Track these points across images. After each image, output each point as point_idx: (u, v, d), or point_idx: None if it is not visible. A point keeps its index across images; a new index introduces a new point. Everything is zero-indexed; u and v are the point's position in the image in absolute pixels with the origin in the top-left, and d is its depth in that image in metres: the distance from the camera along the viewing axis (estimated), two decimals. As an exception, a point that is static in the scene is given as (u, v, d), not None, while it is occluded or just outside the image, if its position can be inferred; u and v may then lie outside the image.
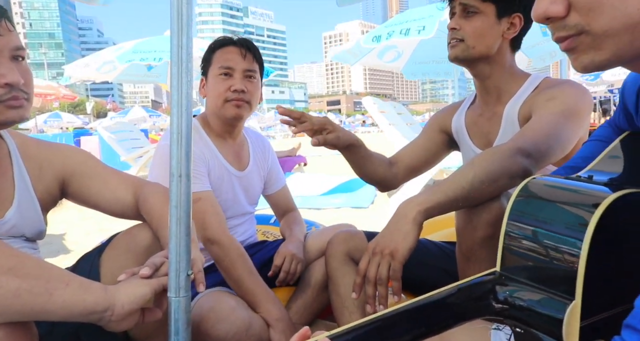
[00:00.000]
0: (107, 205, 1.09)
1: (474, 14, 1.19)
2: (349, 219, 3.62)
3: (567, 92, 1.13)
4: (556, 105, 1.10)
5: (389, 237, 0.89)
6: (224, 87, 1.39)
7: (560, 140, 1.05)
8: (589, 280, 0.57)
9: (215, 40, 1.49)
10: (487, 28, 1.19)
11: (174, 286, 0.78)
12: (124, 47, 5.32)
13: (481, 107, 1.33)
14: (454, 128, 1.40)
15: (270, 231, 1.99)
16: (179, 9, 0.71)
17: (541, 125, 1.05)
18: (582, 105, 1.12)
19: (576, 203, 0.62)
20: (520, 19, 1.20)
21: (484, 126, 1.31)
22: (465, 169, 0.94)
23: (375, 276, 0.87)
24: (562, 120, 1.06)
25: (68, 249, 3.25)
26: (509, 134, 1.20)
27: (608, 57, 0.49)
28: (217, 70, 1.41)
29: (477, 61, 1.23)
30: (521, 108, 1.21)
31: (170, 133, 0.76)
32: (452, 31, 1.22)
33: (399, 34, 3.96)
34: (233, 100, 1.39)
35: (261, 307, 1.28)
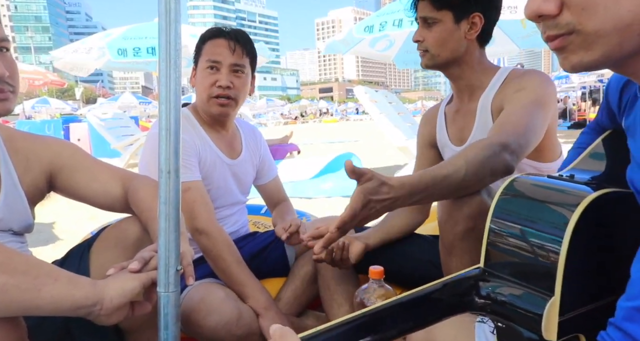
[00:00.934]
0: (96, 198, 1.09)
1: (434, 23, 1.24)
2: (341, 209, 3.65)
3: (533, 81, 1.17)
4: (526, 96, 1.14)
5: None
6: (209, 81, 1.38)
7: (535, 131, 1.08)
8: (569, 277, 0.59)
9: (208, 30, 1.46)
10: (447, 35, 1.23)
11: (163, 281, 0.79)
12: (114, 34, 5.23)
13: (457, 103, 1.36)
14: (437, 136, 1.42)
15: (261, 221, 2.00)
16: (167, 5, 0.70)
17: (517, 117, 1.08)
18: (548, 92, 1.16)
19: (557, 202, 0.64)
20: (480, 17, 1.23)
21: (460, 122, 1.34)
22: (455, 161, 0.94)
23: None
24: (534, 110, 1.10)
25: (57, 238, 3.24)
26: (483, 128, 1.24)
27: (597, 58, 0.50)
28: (205, 63, 1.39)
29: (447, 65, 1.28)
30: (493, 101, 1.24)
31: (159, 130, 0.76)
32: (417, 43, 1.28)
33: (392, 26, 3.93)
34: (218, 97, 1.38)
35: (249, 297, 1.29)
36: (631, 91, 0.67)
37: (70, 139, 9.44)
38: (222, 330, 1.19)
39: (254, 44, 1.50)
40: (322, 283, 1.36)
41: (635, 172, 0.63)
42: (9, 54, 0.92)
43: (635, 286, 0.44)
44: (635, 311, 0.42)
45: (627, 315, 0.43)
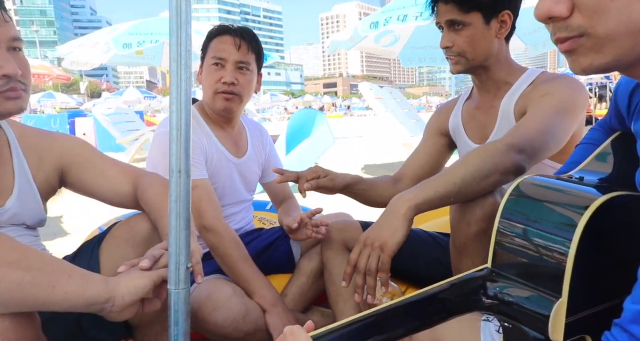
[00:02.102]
0: (105, 194, 1.10)
1: (463, 27, 1.19)
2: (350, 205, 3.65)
3: (562, 87, 1.14)
4: (551, 101, 1.11)
5: (379, 230, 0.92)
6: (214, 78, 1.39)
7: (555, 135, 1.06)
8: (576, 279, 0.59)
9: (215, 27, 1.47)
10: (479, 37, 1.19)
11: (174, 278, 0.80)
12: (119, 29, 5.24)
13: (479, 100, 1.34)
14: (451, 126, 1.41)
15: (266, 217, 2.01)
16: (178, 7, 0.71)
17: (535, 121, 1.06)
18: (577, 100, 1.13)
19: (566, 204, 0.64)
20: (509, 15, 1.20)
21: (480, 119, 1.32)
22: (457, 166, 0.96)
23: (365, 267, 0.90)
24: (556, 116, 1.08)
25: (65, 232, 3.28)
26: (505, 128, 1.22)
27: (608, 61, 0.49)
28: (210, 60, 1.40)
29: (480, 66, 1.24)
30: (517, 102, 1.22)
31: (169, 130, 0.77)
32: (446, 49, 1.22)
33: (396, 20, 3.92)
34: (222, 93, 1.39)
35: (256, 293, 1.30)
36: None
37: (76, 134, 9.49)
38: (229, 326, 1.21)
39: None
40: (328, 278, 1.37)
41: (644, 175, 0.63)
42: (21, 53, 0.93)
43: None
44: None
45: (634, 317, 0.44)
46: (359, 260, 0.92)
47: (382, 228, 0.92)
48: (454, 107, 1.42)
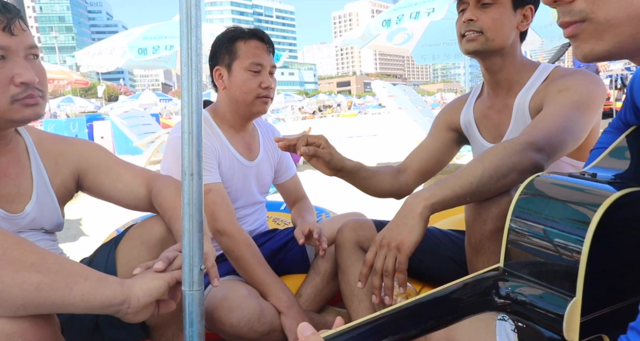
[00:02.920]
0: (121, 197, 1.12)
1: (490, 4, 1.16)
2: (360, 206, 3.64)
3: (579, 82, 1.11)
4: (569, 96, 1.08)
5: (395, 230, 0.90)
6: (255, 83, 1.41)
7: (573, 132, 1.04)
8: (590, 277, 0.58)
9: (233, 29, 1.46)
10: (505, 19, 1.17)
11: (188, 280, 0.81)
12: (134, 33, 5.32)
13: (491, 99, 1.31)
14: (462, 123, 1.38)
15: (280, 218, 2.03)
16: (187, 11, 0.72)
17: (553, 118, 1.04)
18: (595, 94, 1.10)
19: (579, 202, 0.63)
20: (532, 10, 1.19)
21: (494, 118, 1.30)
22: (474, 164, 0.94)
23: (382, 268, 0.90)
24: (575, 112, 1.05)
25: (84, 234, 3.34)
26: (520, 126, 1.19)
27: (608, 48, 0.50)
28: (248, 66, 1.40)
29: (493, 54, 1.21)
30: (532, 99, 1.19)
31: (181, 134, 0.78)
32: (468, 23, 1.18)
33: (409, 18, 3.90)
34: (263, 97, 1.43)
35: (272, 295, 1.31)
36: None
37: (94, 137, 9.68)
38: (245, 327, 1.22)
39: None
40: (343, 278, 1.37)
41: (659, 170, 0.62)
42: (38, 60, 0.95)
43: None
44: None
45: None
46: (376, 260, 0.91)
47: (398, 228, 0.91)
48: (464, 103, 1.40)
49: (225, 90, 1.45)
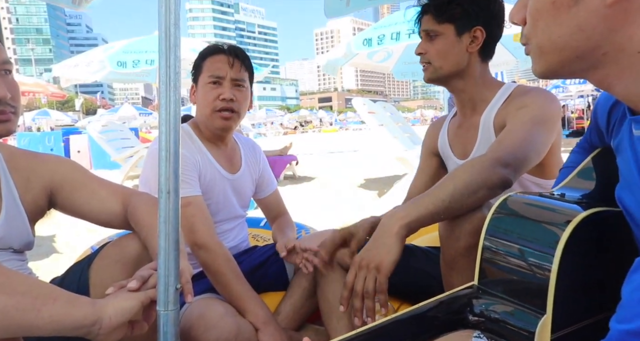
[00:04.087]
0: (96, 215, 1.10)
1: (436, 36, 1.26)
2: (340, 223, 3.65)
3: (536, 99, 1.18)
4: (527, 113, 1.15)
5: (373, 251, 0.91)
6: (212, 96, 1.41)
7: (536, 147, 1.09)
8: (560, 295, 0.60)
9: (206, 47, 1.50)
10: (449, 47, 1.26)
11: (163, 300, 0.80)
12: (114, 47, 5.29)
13: (460, 118, 1.38)
14: (439, 145, 1.44)
15: (260, 234, 2.01)
16: (167, 30, 0.73)
17: (516, 134, 1.09)
18: (551, 111, 1.17)
19: (548, 221, 0.65)
20: (481, 31, 1.26)
21: (463, 137, 1.35)
22: (446, 182, 0.97)
23: (362, 290, 0.90)
24: (535, 128, 1.11)
25: (57, 251, 3.25)
26: (486, 143, 1.25)
27: (544, 71, 0.58)
28: (207, 79, 1.42)
29: (449, 78, 1.29)
30: (496, 117, 1.25)
31: (158, 151, 0.78)
32: (420, 56, 1.30)
33: (389, 39, 3.98)
34: (221, 111, 1.41)
35: (249, 312, 1.30)
36: (619, 111, 0.69)
37: (70, 151, 9.47)
38: (222, 346, 1.19)
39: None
40: (321, 296, 1.36)
41: (623, 190, 0.65)
42: (11, 75, 0.93)
43: (626, 309, 0.45)
44: (628, 335, 0.43)
45: (620, 338, 0.44)
46: (356, 282, 0.91)
47: (376, 249, 0.91)
48: (441, 126, 1.46)
49: (196, 105, 1.48)
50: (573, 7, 0.52)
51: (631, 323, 0.43)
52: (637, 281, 0.44)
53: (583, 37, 0.52)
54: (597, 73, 0.55)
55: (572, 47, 0.53)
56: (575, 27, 0.52)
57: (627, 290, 0.45)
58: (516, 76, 29.46)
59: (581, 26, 0.52)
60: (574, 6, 0.52)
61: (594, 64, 0.54)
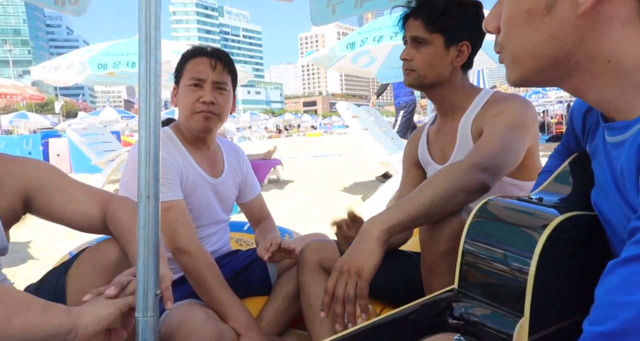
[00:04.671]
0: (73, 220, 1.08)
1: (424, 44, 1.26)
2: (323, 227, 3.65)
3: (512, 106, 1.21)
4: (504, 119, 1.17)
5: (354, 256, 0.91)
6: (193, 98, 1.39)
7: (512, 152, 1.11)
8: (538, 297, 0.61)
9: (189, 49, 1.48)
10: (437, 58, 1.26)
11: (142, 306, 0.79)
12: (95, 49, 5.20)
13: (440, 123, 1.40)
14: (420, 154, 1.45)
15: (243, 238, 2.00)
16: (147, 33, 0.72)
17: (493, 140, 1.11)
18: (527, 117, 1.20)
19: (526, 225, 0.66)
20: (467, 46, 1.27)
21: (442, 141, 1.37)
22: (425, 187, 0.98)
23: (344, 295, 0.89)
24: (511, 133, 1.13)
25: (34, 257, 3.16)
26: (464, 148, 1.27)
27: (517, 78, 0.59)
28: (188, 81, 1.41)
29: (430, 87, 1.30)
30: (473, 122, 1.27)
31: (138, 155, 0.77)
32: (404, 61, 1.29)
33: (372, 41, 4.01)
34: (202, 112, 1.39)
35: (230, 317, 1.28)
36: (594, 116, 0.71)
37: (50, 155, 9.27)
38: (203, 352, 1.18)
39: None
40: (305, 299, 1.36)
41: (599, 194, 0.66)
42: None
43: (599, 311, 0.45)
44: (600, 337, 0.44)
45: (593, 339, 0.45)
46: (337, 288, 0.90)
47: (357, 254, 0.91)
48: (421, 134, 1.47)
49: (177, 107, 1.47)
50: (546, 16, 0.53)
51: (603, 325, 0.44)
52: (610, 284, 0.45)
53: (556, 46, 0.54)
54: (571, 81, 0.57)
55: (546, 55, 0.55)
56: (548, 36, 0.54)
57: (599, 293, 0.46)
58: (497, 81, 29.96)
59: (554, 35, 0.53)
60: (546, 15, 0.53)
61: (568, 71, 0.56)
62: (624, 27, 0.51)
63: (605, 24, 0.51)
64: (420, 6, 1.26)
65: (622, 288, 0.43)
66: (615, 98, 0.54)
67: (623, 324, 0.42)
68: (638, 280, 0.42)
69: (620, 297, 0.43)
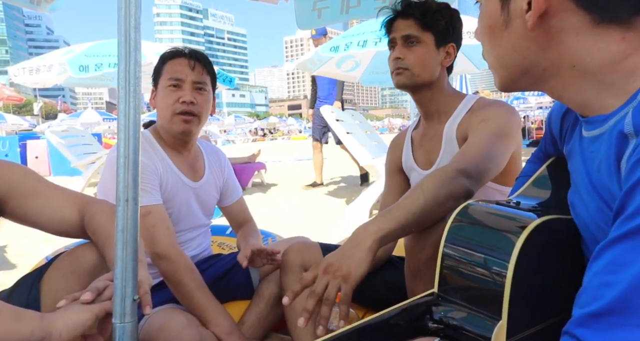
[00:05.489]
0: (49, 224, 1.05)
1: (417, 43, 1.27)
2: (306, 230, 3.64)
3: (497, 112, 1.22)
4: (489, 126, 1.19)
5: (343, 259, 0.89)
6: (172, 98, 1.38)
7: (496, 159, 1.13)
8: (515, 300, 0.62)
9: (167, 51, 1.47)
10: (429, 56, 1.28)
11: (119, 311, 0.77)
12: (75, 50, 5.11)
13: (424, 127, 1.40)
14: (403, 160, 1.45)
15: (226, 242, 1.98)
16: (127, 34, 0.71)
17: (477, 146, 1.12)
18: (512, 124, 1.22)
19: (504, 229, 0.67)
20: (454, 48, 1.31)
21: (427, 145, 1.38)
22: (415, 194, 0.97)
23: (322, 293, 0.86)
24: (495, 140, 1.15)
25: (9, 262, 3.08)
26: (449, 153, 1.28)
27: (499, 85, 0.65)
28: (166, 82, 1.39)
29: (421, 87, 1.31)
30: (458, 128, 1.28)
31: (117, 157, 0.76)
32: (396, 61, 1.29)
33: (356, 46, 4.03)
34: (181, 114, 1.38)
35: (212, 322, 1.27)
36: (571, 118, 0.73)
37: (27, 157, 9.05)
38: (183, 358, 1.16)
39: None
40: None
41: (574, 195, 0.68)
42: None
43: (587, 293, 0.46)
44: (588, 317, 0.44)
45: (579, 321, 0.45)
46: (317, 284, 0.87)
47: (346, 258, 0.89)
48: (404, 140, 1.47)
49: (155, 109, 1.45)
50: (504, 30, 0.58)
51: (590, 306, 0.44)
52: (596, 267, 0.46)
53: (519, 57, 0.58)
54: (545, 85, 0.60)
55: (513, 65, 0.59)
56: (510, 49, 0.59)
57: (587, 278, 0.47)
58: (480, 87, 30.41)
59: (514, 47, 0.58)
60: (505, 30, 0.58)
61: (539, 78, 0.59)
62: (579, 36, 0.54)
63: (559, 34, 0.55)
64: (412, 6, 1.28)
65: (608, 269, 0.44)
66: (589, 99, 0.57)
67: (609, 303, 0.43)
68: (623, 260, 0.43)
69: (606, 278, 0.44)
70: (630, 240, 0.43)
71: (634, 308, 0.41)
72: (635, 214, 0.43)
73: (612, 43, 0.53)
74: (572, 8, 0.53)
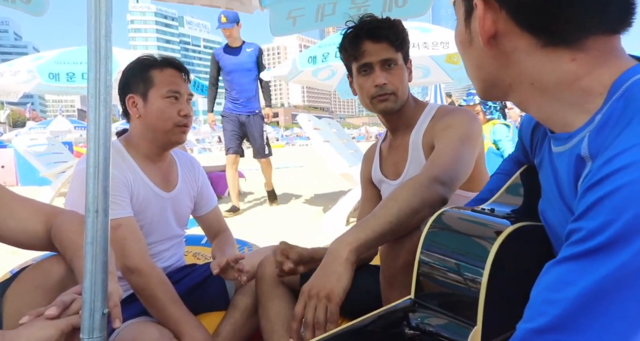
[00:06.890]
0: (13, 236, 1.01)
1: (394, 65, 1.27)
2: (284, 236, 3.61)
3: (459, 119, 1.25)
4: (453, 133, 1.21)
5: (323, 278, 0.88)
6: (173, 110, 1.37)
7: (465, 164, 1.16)
8: (490, 306, 0.62)
9: (148, 58, 1.43)
10: (404, 76, 1.30)
11: (88, 326, 0.74)
12: (46, 56, 4.97)
13: (391, 139, 1.42)
14: (372, 172, 1.46)
15: (201, 252, 1.94)
16: (97, 42, 0.69)
17: (447, 153, 1.14)
18: (473, 129, 1.25)
19: (479, 235, 0.68)
20: (410, 62, 1.34)
21: (394, 156, 1.39)
22: (389, 204, 0.98)
23: (313, 320, 0.85)
24: (462, 146, 1.17)
25: (-26, 276, 2.95)
26: (416, 163, 1.30)
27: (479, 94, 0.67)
28: (165, 93, 1.37)
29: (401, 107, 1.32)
30: (424, 137, 1.31)
31: (86, 168, 0.73)
32: (381, 87, 1.25)
33: (334, 57, 4.06)
34: (182, 126, 1.40)
35: (185, 335, 1.24)
36: (541, 130, 0.74)
37: (-7, 166, 8.73)
38: (156, 373, 1.13)
39: None
40: (263, 314, 1.33)
41: (545, 204, 0.69)
42: None
43: (532, 309, 0.47)
44: (530, 333, 0.45)
45: (524, 337, 0.46)
46: (306, 313, 0.87)
47: (326, 276, 0.88)
48: (374, 152, 1.49)
49: (140, 118, 1.39)
50: (469, 47, 0.61)
51: (533, 321, 0.45)
52: (543, 283, 0.47)
53: (484, 72, 0.61)
54: (514, 99, 0.62)
55: (481, 79, 0.63)
56: (476, 64, 0.62)
57: (534, 293, 0.48)
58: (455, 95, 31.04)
59: (479, 63, 0.61)
60: (470, 47, 0.61)
61: (506, 92, 0.61)
62: (530, 56, 0.56)
63: (512, 54, 0.57)
64: (382, 28, 1.25)
65: (553, 286, 0.45)
66: (551, 115, 0.59)
67: (552, 320, 0.44)
68: (568, 279, 0.44)
69: (551, 295, 0.45)
70: (578, 261, 0.44)
71: (576, 327, 0.42)
72: (585, 238, 0.44)
73: (562, 64, 0.54)
74: (517, 31, 0.55)
